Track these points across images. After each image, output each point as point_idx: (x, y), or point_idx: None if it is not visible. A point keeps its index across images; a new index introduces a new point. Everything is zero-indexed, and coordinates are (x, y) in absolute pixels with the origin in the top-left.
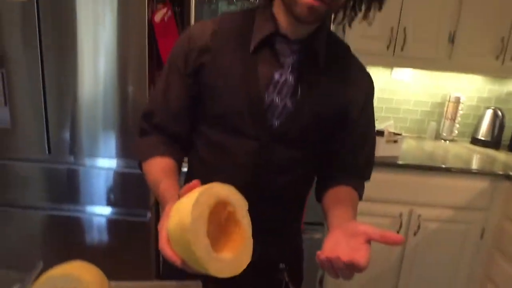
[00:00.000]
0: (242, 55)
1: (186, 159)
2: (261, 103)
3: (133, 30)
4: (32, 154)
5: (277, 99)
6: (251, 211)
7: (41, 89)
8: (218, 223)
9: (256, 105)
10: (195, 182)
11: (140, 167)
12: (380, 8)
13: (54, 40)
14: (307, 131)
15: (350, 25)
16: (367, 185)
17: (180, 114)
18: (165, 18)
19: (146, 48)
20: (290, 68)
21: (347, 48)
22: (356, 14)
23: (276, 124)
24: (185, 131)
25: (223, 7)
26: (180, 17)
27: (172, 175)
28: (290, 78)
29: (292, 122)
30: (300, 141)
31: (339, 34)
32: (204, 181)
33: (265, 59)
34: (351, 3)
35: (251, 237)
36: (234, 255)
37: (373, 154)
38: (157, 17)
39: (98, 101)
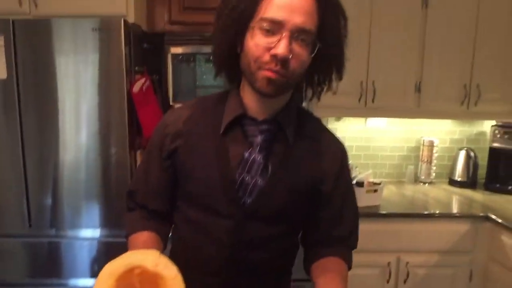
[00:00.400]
0: (214, 136)
1: None
2: (232, 182)
3: (113, 101)
4: (12, 229)
5: (247, 178)
6: (229, 285)
7: (21, 161)
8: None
9: (228, 183)
10: None
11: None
12: (340, 78)
13: (34, 111)
14: (280, 207)
15: (319, 99)
16: None
17: (160, 193)
18: (144, 88)
19: (126, 117)
20: (258, 147)
21: (317, 121)
22: (322, 89)
23: (248, 201)
24: (165, 207)
25: (201, 64)
26: (159, 83)
27: (151, 247)
28: (259, 157)
29: (263, 199)
30: (274, 217)
31: None
32: (183, 258)
33: (235, 139)
34: (316, 78)
35: (177, 274)
36: None
37: (357, 222)
38: (136, 88)
39: (80, 170)
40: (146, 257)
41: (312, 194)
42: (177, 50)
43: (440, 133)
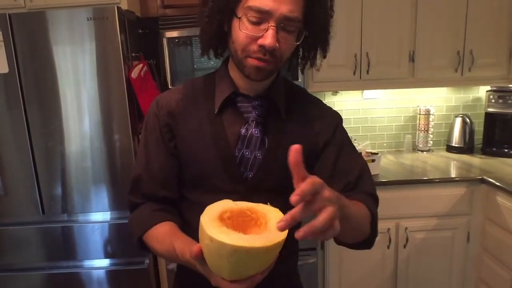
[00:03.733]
0: (209, 116)
1: None
2: (232, 159)
3: (112, 88)
4: (26, 217)
5: (247, 153)
6: None
7: (30, 152)
8: (240, 224)
9: (228, 161)
10: None
11: (139, 244)
12: (324, 56)
13: (38, 104)
14: (281, 178)
15: (303, 72)
16: None
17: (166, 180)
18: (142, 73)
19: (126, 104)
20: (254, 122)
21: (304, 91)
22: (306, 63)
23: (250, 175)
24: (174, 194)
25: (197, 46)
26: (157, 68)
27: (181, 233)
28: (256, 132)
29: (264, 171)
30: (277, 188)
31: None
32: None
33: (230, 118)
34: (300, 53)
35: (259, 203)
36: (265, 232)
37: (365, 167)
38: (134, 74)
39: (86, 158)
40: (226, 202)
41: (311, 155)
42: (172, 33)
43: (436, 101)
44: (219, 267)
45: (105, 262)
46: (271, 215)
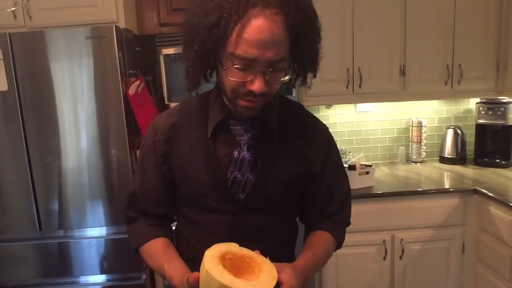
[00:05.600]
0: (201, 139)
1: None
2: (224, 181)
3: (110, 105)
4: (23, 233)
5: (239, 175)
6: None
7: (27, 168)
8: (237, 268)
9: (220, 183)
10: None
11: (137, 254)
12: (314, 76)
13: (36, 121)
14: (273, 198)
15: (295, 87)
16: None
17: (159, 198)
18: (139, 90)
19: (124, 120)
20: (246, 145)
21: (300, 108)
22: (296, 81)
23: (242, 196)
24: (167, 211)
25: None
26: (154, 84)
27: (172, 254)
28: (247, 155)
29: (256, 193)
30: (268, 208)
31: None
32: (189, 256)
33: (223, 140)
34: (292, 79)
35: (259, 254)
36: (254, 281)
37: (347, 197)
38: (131, 90)
39: (83, 174)
40: (232, 246)
41: (302, 179)
42: (168, 50)
43: (428, 113)
44: None
45: (101, 278)
46: (265, 268)
